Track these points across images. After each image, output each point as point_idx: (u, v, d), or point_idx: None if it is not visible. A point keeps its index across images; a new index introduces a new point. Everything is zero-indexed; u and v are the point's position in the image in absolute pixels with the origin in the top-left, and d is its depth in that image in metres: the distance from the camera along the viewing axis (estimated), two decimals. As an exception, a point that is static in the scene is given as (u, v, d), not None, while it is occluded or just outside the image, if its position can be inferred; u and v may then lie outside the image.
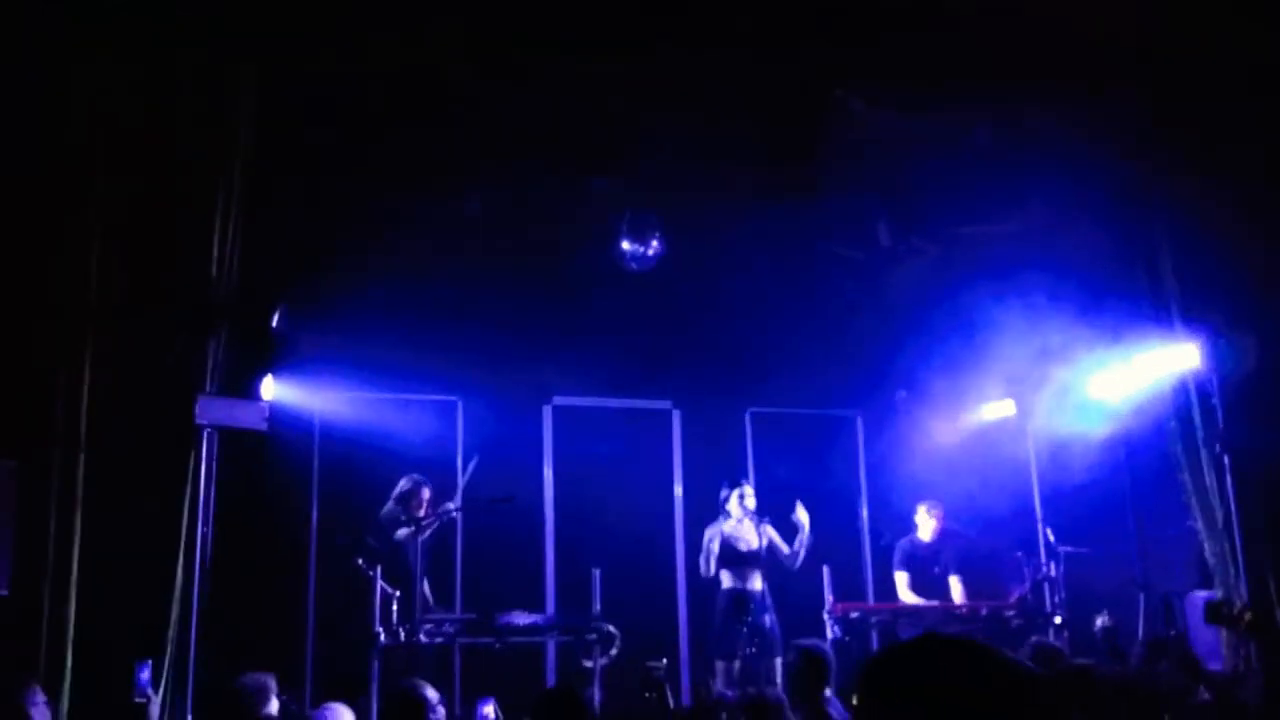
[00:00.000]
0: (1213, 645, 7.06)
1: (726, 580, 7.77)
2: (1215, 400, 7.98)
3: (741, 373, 9.01)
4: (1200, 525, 8.25)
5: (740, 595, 7.66)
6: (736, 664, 7.52)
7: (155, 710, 4.82)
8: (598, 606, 7.00)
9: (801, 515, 7.81)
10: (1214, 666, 5.96)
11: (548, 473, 9.00)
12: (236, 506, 6.88)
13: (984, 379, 8.94)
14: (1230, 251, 7.65)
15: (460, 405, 8.84)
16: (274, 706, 5.24)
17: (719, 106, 7.28)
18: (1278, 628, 2.12)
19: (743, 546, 7.77)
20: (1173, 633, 7.77)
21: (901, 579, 8.38)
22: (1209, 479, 8.16)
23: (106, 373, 6.14)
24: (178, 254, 6.45)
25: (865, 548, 9.56)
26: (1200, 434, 8.13)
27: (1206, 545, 8.25)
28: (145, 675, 4.59)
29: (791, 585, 7.89)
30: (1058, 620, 7.85)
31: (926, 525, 8.43)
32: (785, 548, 7.82)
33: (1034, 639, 6.09)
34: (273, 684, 5.32)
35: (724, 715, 4.52)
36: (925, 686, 1.32)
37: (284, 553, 7.95)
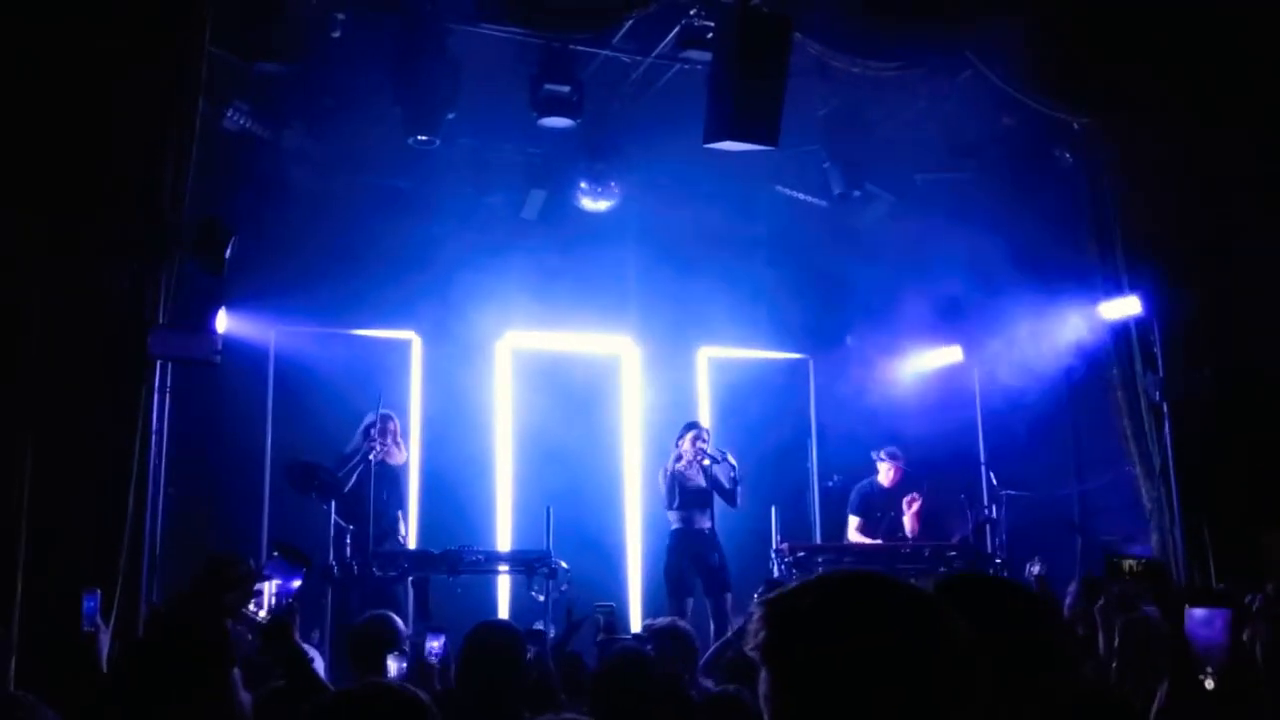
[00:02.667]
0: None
1: (675, 520, 7.89)
2: (1156, 349, 8.19)
3: (696, 314, 9.09)
4: (1138, 471, 8.51)
5: (690, 535, 7.79)
6: (689, 601, 7.68)
7: (105, 640, 4.84)
8: (550, 542, 7.11)
9: (717, 467, 7.83)
10: None
11: (504, 409, 9.06)
12: (190, 439, 6.88)
13: (933, 325, 9.08)
14: (1174, 204, 7.80)
15: (416, 341, 8.84)
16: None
17: (677, 46, 7.27)
18: (1171, 579, 2.18)
19: (692, 486, 7.88)
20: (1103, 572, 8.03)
21: (853, 522, 8.56)
22: (1148, 426, 8.40)
23: (58, 304, 6.07)
24: (129, 184, 6.35)
25: (814, 488, 9.73)
26: (1140, 382, 8.35)
27: (1144, 490, 8.52)
28: (93, 605, 4.59)
29: (740, 525, 8.03)
30: (998, 561, 8.08)
31: (887, 472, 8.58)
32: (726, 485, 7.85)
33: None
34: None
35: (650, 643, 4.63)
36: (824, 621, 1.27)
37: (237, 485, 7.97)
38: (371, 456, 7.25)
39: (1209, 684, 2.04)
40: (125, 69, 6.21)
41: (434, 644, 4.77)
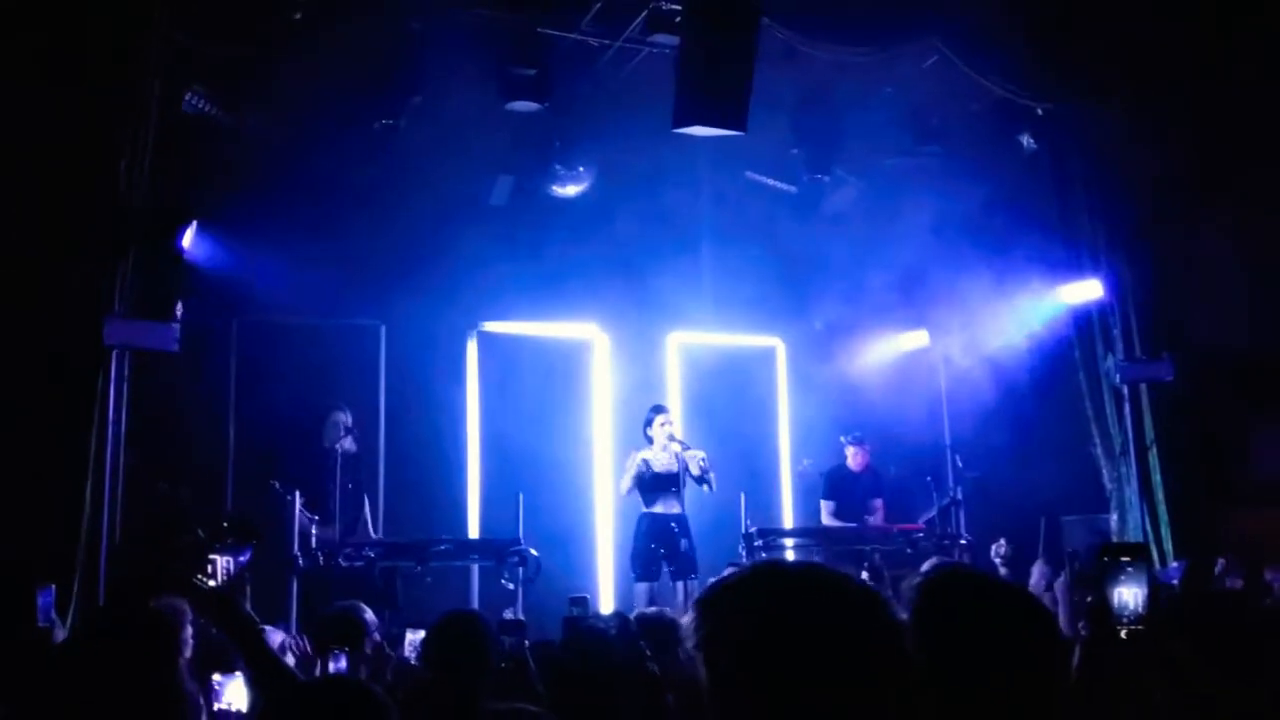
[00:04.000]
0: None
1: (645, 504, 7.88)
2: (1116, 332, 8.32)
3: (666, 299, 9.05)
4: (1099, 452, 8.66)
5: (658, 519, 7.79)
6: (655, 586, 7.69)
7: (61, 636, 4.75)
8: (521, 530, 7.07)
9: (689, 453, 7.82)
10: None
11: (472, 398, 8.98)
12: (150, 430, 6.76)
13: (900, 308, 9.14)
14: (1136, 189, 7.91)
15: (383, 330, 8.73)
16: (188, 631, 5.22)
17: (645, 31, 7.23)
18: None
19: (661, 470, 7.86)
20: (1070, 550, 8.17)
21: (826, 507, 8.64)
22: (1109, 407, 8.55)
23: (10, 292, 5.93)
24: (83, 171, 6.21)
25: (784, 472, 9.77)
26: (1102, 365, 8.49)
27: (1105, 471, 8.66)
28: (48, 601, 4.50)
29: (709, 509, 8.04)
30: (962, 543, 8.16)
31: (854, 456, 8.66)
32: (697, 472, 7.84)
33: (934, 559, 6.33)
34: (188, 609, 5.28)
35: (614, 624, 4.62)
36: (750, 614, 1.26)
37: (200, 476, 7.84)
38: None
39: (1123, 634, 2.11)
40: (77, 51, 6.06)
41: (413, 638, 4.71)
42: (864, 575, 5.55)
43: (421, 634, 4.45)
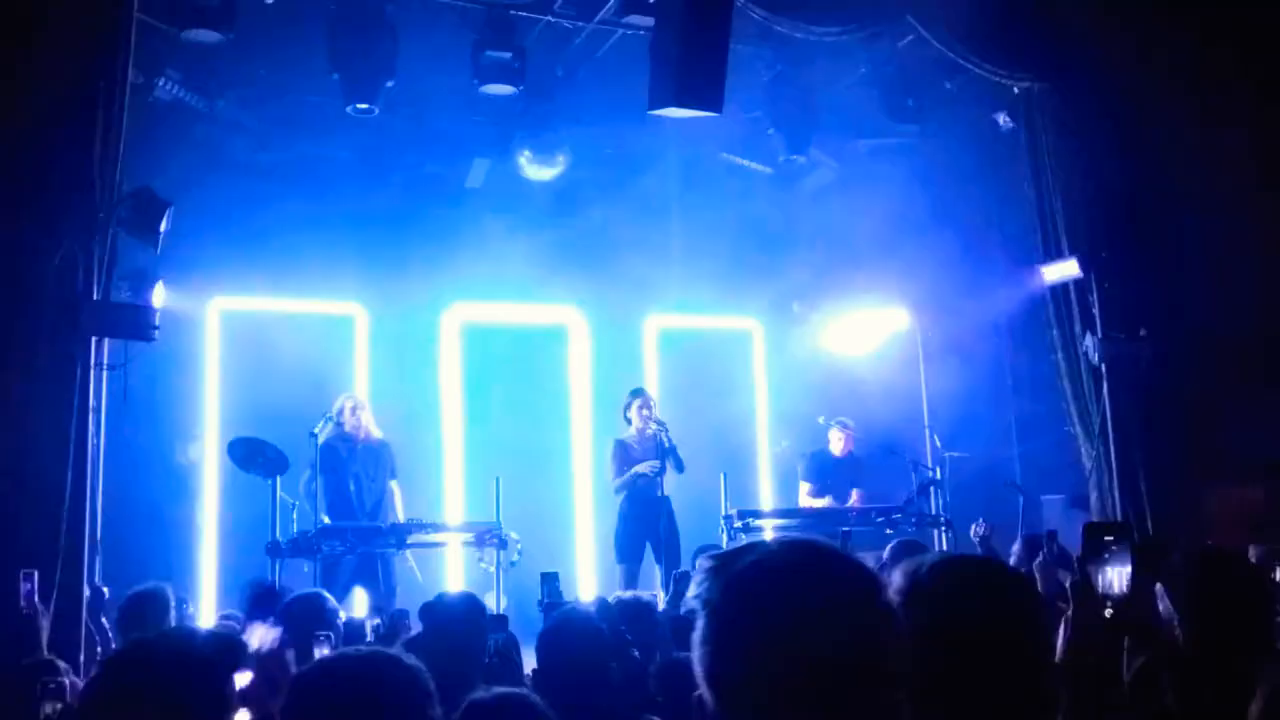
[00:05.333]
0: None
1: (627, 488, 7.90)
2: (1095, 311, 8.35)
3: (643, 282, 9.07)
4: (1078, 431, 8.71)
5: (640, 502, 7.81)
6: (638, 568, 7.72)
7: (45, 623, 4.76)
8: (500, 513, 7.09)
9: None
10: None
11: (449, 381, 8.99)
12: (129, 415, 6.75)
13: (878, 289, 9.17)
14: (1113, 167, 7.93)
15: (360, 313, 8.73)
16: (173, 617, 5.23)
17: (619, 12, 7.21)
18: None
19: (641, 456, 7.89)
20: (1046, 531, 8.22)
21: (804, 489, 8.66)
22: (1087, 387, 8.59)
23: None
24: (56, 157, 6.17)
25: (763, 454, 9.82)
26: (1079, 344, 8.52)
27: (1083, 450, 8.71)
28: (30, 587, 4.51)
29: (689, 491, 8.07)
30: (943, 522, 8.21)
31: (838, 442, 8.66)
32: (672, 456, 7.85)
33: (895, 540, 6.33)
34: (170, 594, 5.30)
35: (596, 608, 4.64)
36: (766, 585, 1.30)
37: (178, 462, 7.84)
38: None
39: (1108, 613, 2.16)
40: (49, 36, 6.02)
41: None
42: None
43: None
